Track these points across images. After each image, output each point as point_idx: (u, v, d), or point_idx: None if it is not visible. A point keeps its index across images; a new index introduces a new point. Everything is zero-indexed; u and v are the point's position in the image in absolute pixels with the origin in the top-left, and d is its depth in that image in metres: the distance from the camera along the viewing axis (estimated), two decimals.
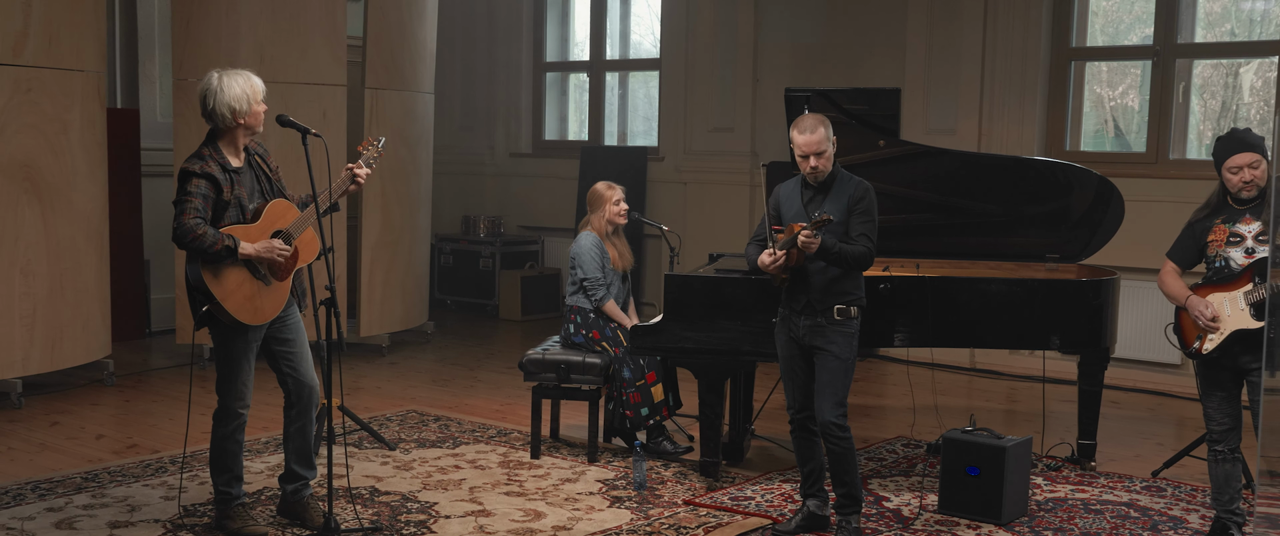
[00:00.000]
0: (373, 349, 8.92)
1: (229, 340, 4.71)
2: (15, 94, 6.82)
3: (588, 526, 5.08)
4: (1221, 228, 4.90)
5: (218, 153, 4.71)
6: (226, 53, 7.95)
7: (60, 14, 7.05)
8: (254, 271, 4.63)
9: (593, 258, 6.15)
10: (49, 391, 7.30)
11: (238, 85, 4.71)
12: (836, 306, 4.83)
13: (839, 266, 4.80)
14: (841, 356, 4.83)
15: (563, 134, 11.40)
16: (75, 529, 4.92)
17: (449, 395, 7.63)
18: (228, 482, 4.87)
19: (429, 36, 9.21)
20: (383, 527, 4.97)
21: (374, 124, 8.54)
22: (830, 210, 4.81)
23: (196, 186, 4.57)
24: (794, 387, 5.01)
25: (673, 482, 5.74)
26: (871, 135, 6.06)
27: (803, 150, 4.81)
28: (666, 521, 5.16)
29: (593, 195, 6.31)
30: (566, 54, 11.31)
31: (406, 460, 6.02)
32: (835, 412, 4.83)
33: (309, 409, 4.91)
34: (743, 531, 5.05)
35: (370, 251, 8.64)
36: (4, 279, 6.84)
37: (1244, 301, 4.79)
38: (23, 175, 6.89)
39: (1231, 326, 4.81)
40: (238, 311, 4.58)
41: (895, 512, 5.36)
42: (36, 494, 5.37)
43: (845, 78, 9.09)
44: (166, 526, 4.97)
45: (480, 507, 5.31)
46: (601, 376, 6.04)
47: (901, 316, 5.69)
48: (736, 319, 5.53)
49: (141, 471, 5.73)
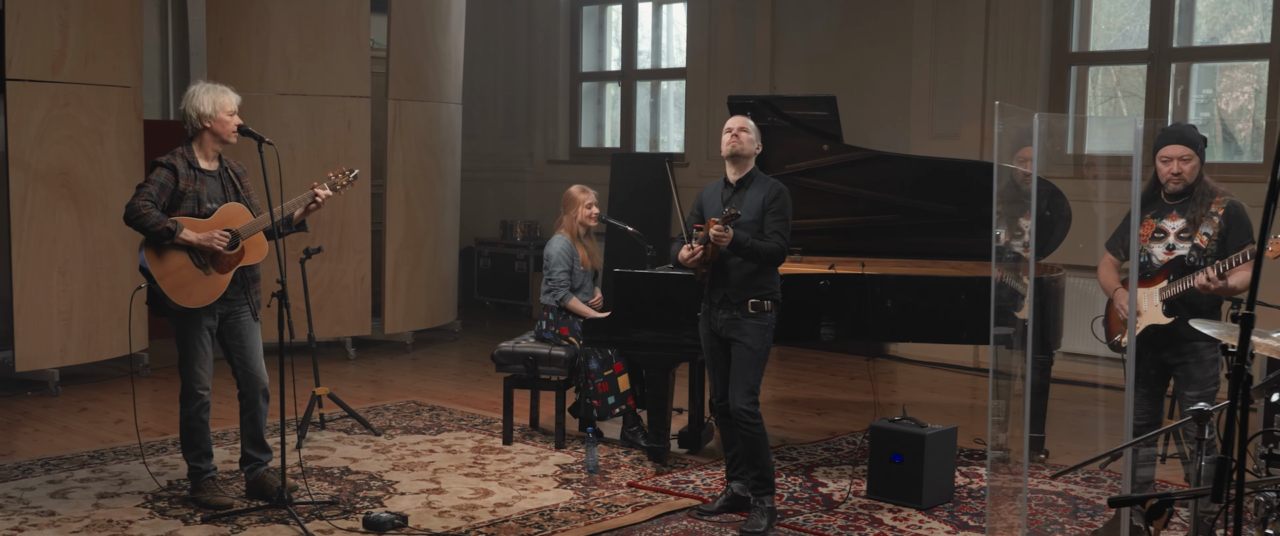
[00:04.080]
0: (398, 345, 9.45)
1: (180, 325, 5.23)
2: (53, 108, 7.46)
3: (528, 504, 5.48)
4: (1150, 222, 5.00)
5: (189, 152, 5.24)
6: (257, 67, 8.55)
7: (97, 34, 7.69)
8: (195, 259, 5.12)
9: (561, 260, 6.54)
10: (86, 381, 7.93)
11: (210, 96, 5.23)
12: (751, 300, 5.16)
13: (753, 261, 5.13)
14: (754, 348, 5.16)
15: (599, 141, 11.83)
16: (67, 498, 5.47)
17: (455, 388, 8.09)
18: (197, 458, 5.39)
19: (454, 49, 9.71)
20: (339, 501, 5.43)
21: (397, 133, 9.07)
22: (748, 209, 5.15)
23: (157, 175, 5.12)
24: (715, 377, 5.35)
25: (626, 467, 6.10)
26: (816, 141, 6.34)
27: (728, 127, 5.24)
28: (603, 501, 5.54)
29: (567, 198, 6.71)
30: (603, 65, 11.74)
31: (387, 445, 6.49)
32: (746, 400, 5.15)
33: (258, 399, 5.40)
34: (669, 510, 5.40)
35: (394, 253, 9.16)
36: (43, 277, 7.48)
37: (1159, 297, 4.96)
38: (61, 182, 7.53)
39: (1146, 321, 4.98)
40: (172, 292, 5.08)
41: (826, 497, 5.66)
42: (44, 468, 5.95)
43: (856, 85, 9.37)
44: (147, 497, 5.50)
45: (436, 486, 5.74)
46: (567, 368, 6.43)
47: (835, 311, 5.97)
48: (679, 313, 5.88)
49: (143, 451, 6.27)
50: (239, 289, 5.32)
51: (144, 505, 5.40)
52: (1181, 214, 4.94)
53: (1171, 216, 4.96)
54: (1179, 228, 4.95)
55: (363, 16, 8.82)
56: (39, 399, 7.51)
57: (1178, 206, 4.96)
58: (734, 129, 5.25)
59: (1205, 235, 4.88)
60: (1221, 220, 4.87)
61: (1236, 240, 4.85)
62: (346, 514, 5.28)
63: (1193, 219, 4.93)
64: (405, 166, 9.23)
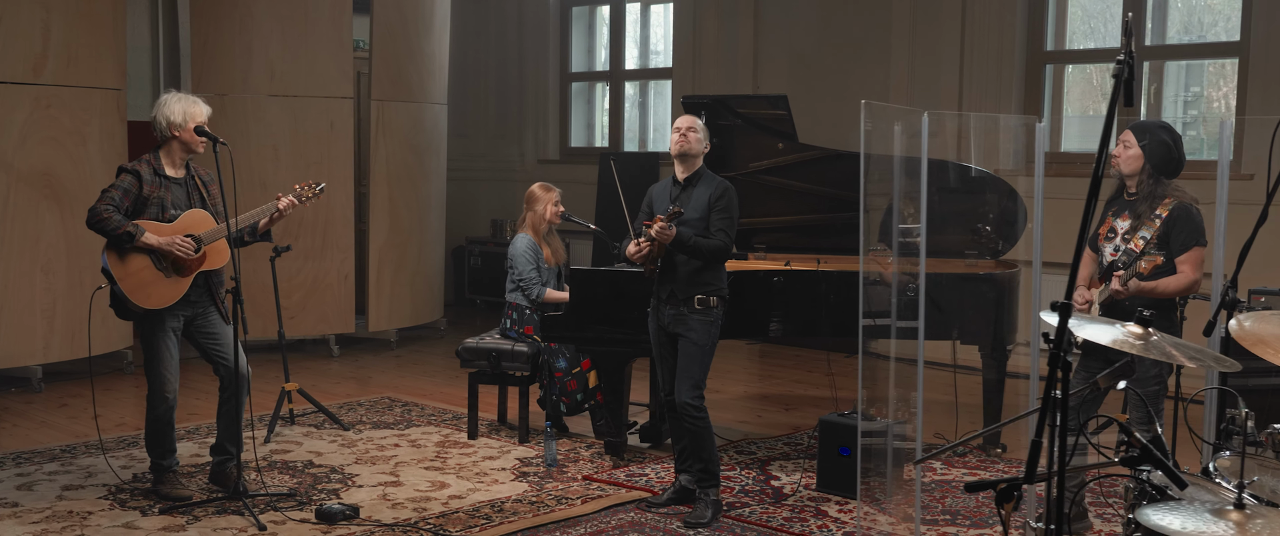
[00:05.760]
0: (382, 343, 9.58)
1: (145, 329, 5.36)
2: (35, 110, 7.62)
3: (482, 496, 5.58)
4: (1109, 220, 5.02)
5: (156, 159, 5.35)
6: (240, 68, 8.70)
7: (80, 37, 7.84)
8: (156, 262, 5.24)
9: (527, 258, 6.64)
10: (71, 378, 8.08)
11: (180, 105, 5.33)
12: (697, 296, 5.25)
13: (697, 257, 5.22)
14: (699, 343, 5.25)
15: (590, 141, 11.94)
16: (32, 490, 5.61)
17: (433, 385, 8.21)
18: (161, 455, 5.52)
19: (439, 50, 9.83)
20: (295, 494, 5.55)
21: (379, 134, 9.20)
22: (694, 206, 5.24)
23: (121, 180, 5.24)
24: (663, 372, 5.44)
25: (586, 460, 6.20)
26: (771, 140, 6.42)
27: (677, 126, 5.33)
28: (556, 494, 5.64)
29: (530, 196, 6.81)
30: (593, 65, 11.85)
31: (355, 439, 6.61)
32: (691, 394, 5.25)
33: (239, 391, 5.51)
34: (618, 502, 5.50)
35: (377, 252, 9.29)
36: (26, 275, 7.63)
37: (1098, 297, 5.00)
38: (43, 183, 7.68)
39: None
40: (133, 293, 5.21)
41: (777, 490, 5.75)
42: (15, 462, 6.09)
43: (837, 85, 9.45)
44: (110, 490, 5.63)
45: (394, 479, 5.85)
46: (531, 365, 6.53)
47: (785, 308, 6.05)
48: (635, 309, 5.97)
49: (114, 445, 6.41)
50: (204, 292, 5.44)
51: (106, 497, 5.53)
52: (1133, 215, 4.92)
53: (1124, 216, 4.95)
54: (1125, 228, 4.96)
55: (345, 18, 8.95)
56: (21, 395, 7.66)
57: (1131, 206, 4.94)
58: (683, 128, 5.35)
59: (1142, 238, 4.86)
60: (1163, 222, 4.82)
61: (1179, 242, 4.81)
62: (302, 505, 5.40)
63: (1136, 220, 4.95)
64: (388, 166, 9.35)
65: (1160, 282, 4.78)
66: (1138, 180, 4.92)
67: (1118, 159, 4.94)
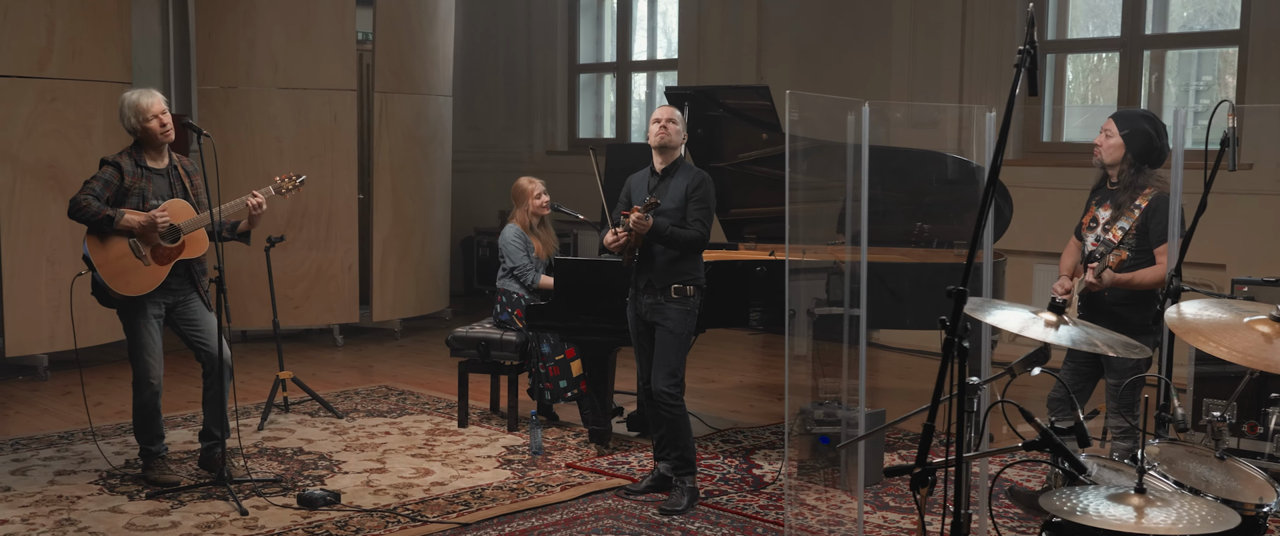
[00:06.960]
0: (386, 333, 9.68)
1: (127, 317, 5.47)
2: (40, 103, 7.74)
3: (464, 483, 5.66)
4: (1092, 209, 5.03)
5: (138, 151, 5.46)
6: (244, 61, 8.80)
7: (83, 30, 7.96)
8: (135, 251, 5.34)
9: (517, 247, 6.70)
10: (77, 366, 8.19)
11: (136, 100, 5.39)
12: (674, 285, 5.30)
13: (673, 248, 5.27)
14: (676, 331, 5.30)
15: (598, 132, 12.00)
16: (26, 475, 5.73)
17: (434, 375, 8.29)
18: (149, 441, 5.63)
19: (443, 42, 9.90)
20: (281, 479, 5.64)
21: (383, 126, 9.28)
22: (671, 197, 5.29)
23: (103, 172, 5.36)
24: (641, 360, 5.50)
25: (571, 449, 6.27)
26: (757, 131, 6.45)
27: (656, 117, 5.40)
28: (537, 481, 5.70)
29: (516, 190, 6.88)
30: (600, 56, 11.90)
31: (347, 427, 6.70)
32: (668, 382, 5.30)
33: (222, 377, 5.61)
34: (597, 489, 5.56)
35: (381, 243, 9.38)
36: (32, 265, 7.77)
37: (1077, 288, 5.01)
38: (48, 175, 7.81)
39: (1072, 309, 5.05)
40: (111, 279, 5.32)
41: (757, 478, 5.79)
42: (13, 447, 6.21)
43: (840, 76, 9.47)
44: (101, 475, 5.74)
45: (380, 466, 5.94)
46: (519, 353, 6.60)
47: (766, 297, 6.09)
48: (618, 299, 6.01)
49: (111, 432, 6.52)
50: (185, 281, 5.54)
51: (96, 482, 5.64)
52: (1114, 205, 4.91)
53: (1105, 206, 4.95)
54: (1105, 218, 4.96)
55: (349, 10, 9.03)
56: (28, 383, 7.81)
57: (1112, 196, 4.93)
58: (662, 120, 5.40)
59: (1121, 229, 4.86)
60: (1142, 213, 4.82)
61: (1157, 232, 4.80)
62: (286, 491, 5.49)
63: (1116, 210, 4.94)
64: (392, 158, 9.44)
65: (1136, 274, 4.79)
66: (1119, 170, 4.92)
67: (1099, 148, 4.95)
